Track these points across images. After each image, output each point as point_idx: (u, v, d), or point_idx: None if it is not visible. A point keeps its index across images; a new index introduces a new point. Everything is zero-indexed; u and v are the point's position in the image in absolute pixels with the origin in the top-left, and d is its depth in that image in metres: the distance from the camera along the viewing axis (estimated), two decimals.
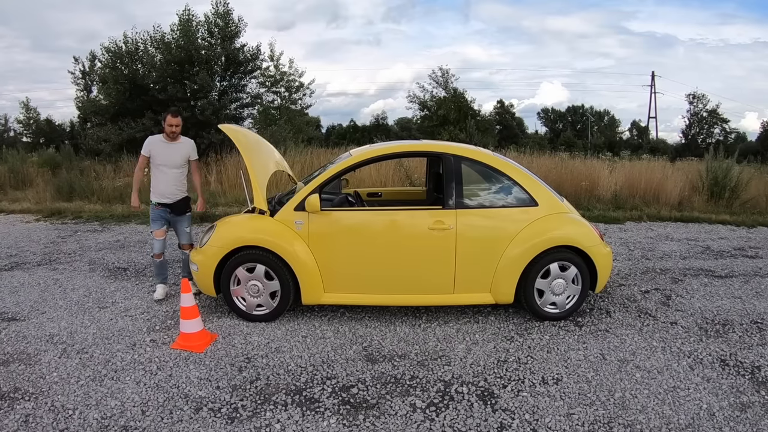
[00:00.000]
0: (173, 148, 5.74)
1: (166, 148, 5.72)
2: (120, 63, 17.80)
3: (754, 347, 4.72)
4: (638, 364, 4.34)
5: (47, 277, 6.64)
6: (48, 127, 34.61)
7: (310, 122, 28.33)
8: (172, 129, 5.65)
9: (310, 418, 3.55)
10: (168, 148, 5.72)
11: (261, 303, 5.09)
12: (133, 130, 16.85)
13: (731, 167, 12.73)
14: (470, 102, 41.51)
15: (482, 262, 5.00)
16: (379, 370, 4.21)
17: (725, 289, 6.30)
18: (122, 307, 5.55)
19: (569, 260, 5.08)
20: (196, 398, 3.78)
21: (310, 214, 4.97)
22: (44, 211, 11.61)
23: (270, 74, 21.20)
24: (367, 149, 5.67)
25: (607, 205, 12.18)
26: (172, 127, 5.66)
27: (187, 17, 18.04)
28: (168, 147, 5.72)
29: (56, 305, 5.60)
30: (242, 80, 19.76)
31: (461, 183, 5.06)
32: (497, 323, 5.16)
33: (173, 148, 5.74)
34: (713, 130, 56.86)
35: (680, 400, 3.80)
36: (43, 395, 3.79)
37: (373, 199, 6.91)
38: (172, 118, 5.66)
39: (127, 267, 7.08)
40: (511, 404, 3.75)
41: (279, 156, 6.59)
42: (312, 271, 4.98)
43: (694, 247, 8.57)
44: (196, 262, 5.13)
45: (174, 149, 5.74)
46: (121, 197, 12.73)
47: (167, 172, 5.72)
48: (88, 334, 4.85)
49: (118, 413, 3.58)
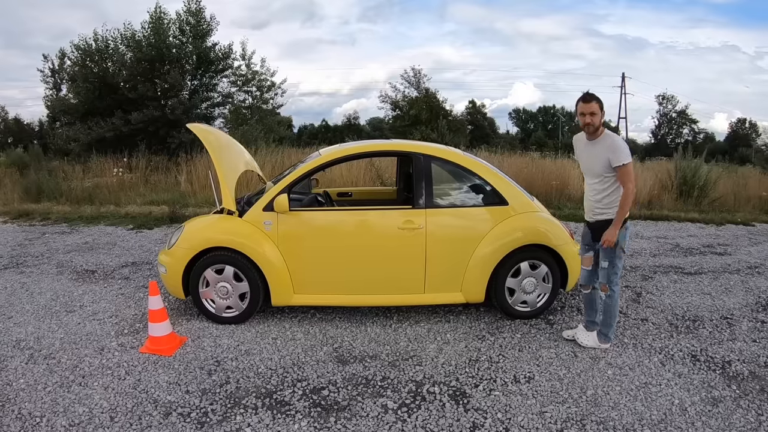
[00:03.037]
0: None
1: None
2: (90, 61, 17.55)
3: (724, 342, 4.78)
4: (610, 361, 4.37)
5: (14, 280, 6.49)
6: (16, 126, 34.13)
7: (282, 122, 28.07)
8: None
9: (281, 422, 3.51)
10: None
11: (230, 305, 5.02)
12: (103, 130, 16.63)
13: (700, 166, 12.95)
14: (442, 102, 41.71)
15: (453, 262, 5.00)
16: (350, 372, 4.18)
17: (695, 286, 6.38)
18: (90, 310, 5.45)
19: (540, 259, 5.10)
20: (165, 403, 3.71)
21: (279, 215, 4.92)
22: (11, 212, 11.36)
23: (241, 73, 20.97)
24: (336, 149, 5.64)
25: (577, 204, 12.25)
26: None
27: (159, 15, 17.82)
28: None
29: (23, 309, 5.47)
30: (213, 79, 19.59)
31: (431, 182, 5.05)
32: (468, 322, 5.16)
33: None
34: (682, 131, 57.94)
35: (652, 396, 3.83)
36: (10, 403, 3.69)
37: (343, 199, 6.88)
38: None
39: (95, 269, 6.95)
40: (484, 403, 3.74)
41: (249, 156, 6.52)
42: (281, 272, 4.93)
43: (664, 244, 8.68)
44: (165, 264, 5.05)
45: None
46: (90, 198, 12.54)
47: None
48: (56, 339, 4.74)
49: (86, 420, 3.50)
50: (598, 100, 4.28)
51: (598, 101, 4.27)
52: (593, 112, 4.24)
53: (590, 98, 4.28)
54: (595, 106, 4.24)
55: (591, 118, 4.25)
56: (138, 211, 11.44)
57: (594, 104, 4.24)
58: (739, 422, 3.52)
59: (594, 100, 4.26)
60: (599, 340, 4.59)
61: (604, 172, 4.27)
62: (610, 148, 4.22)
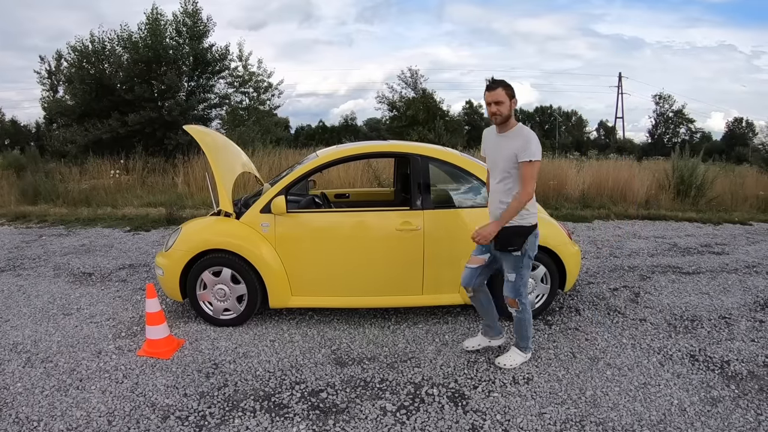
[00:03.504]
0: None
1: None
2: (86, 62, 17.49)
3: (722, 342, 4.78)
4: (608, 361, 4.37)
5: (11, 283, 6.47)
6: (13, 128, 34.04)
7: (279, 123, 28.10)
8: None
9: (279, 424, 3.50)
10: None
11: (228, 307, 5.01)
12: (100, 131, 16.59)
13: (697, 166, 12.97)
14: (439, 102, 41.69)
15: (451, 263, 4.98)
16: (349, 374, 4.17)
17: (693, 286, 6.38)
18: (87, 313, 5.43)
19: (538, 259, 5.07)
20: (163, 406, 3.69)
21: (277, 216, 4.90)
22: (8, 215, 11.35)
23: (238, 74, 21.00)
24: (334, 150, 5.62)
25: (575, 204, 12.31)
26: None
27: (155, 16, 17.79)
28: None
29: (20, 312, 5.45)
30: (210, 80, 19.54)
31: (429, 183, 5.04)
32: (467, 323, 5.15)
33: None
34: (679, 130, 57.93)
35: (651, 396, 3.83)
36: (7, 407, 3.67)
37: (341, 201, 6.87)
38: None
39: (92, 272, 6.93)
40: (483, 405, 3.73)
41: (246, 158, 6.51)
42: (279, 274, 4.92)
43: (662, 244, 8.68)
44: (162, 266, 5.03)
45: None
46: (87, 200, 12.52)
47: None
48: (53, 342, 4.72)
49: (83, 424, 3.48)
50: (505, 86, 3.82)
51: (505, 87, 3.81)
52: (498, 101, 3.79)
53: (495, 85, 3.82)
54: (500, 94, 3.79)
55: (497, 108, 3.81)
56: (135, 213, 11.42)
57: (500, 91, 3.79)
58: (739, 422, 3.52)
59: (500, 87, 3.80)
60: (520, 351, 4.32)
61: (509, 167, 3.86)
62: (520, 141, 3.81)
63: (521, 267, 3.97)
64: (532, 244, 3.98)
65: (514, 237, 3.89)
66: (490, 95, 3.82)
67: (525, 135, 3.85)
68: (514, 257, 3.94)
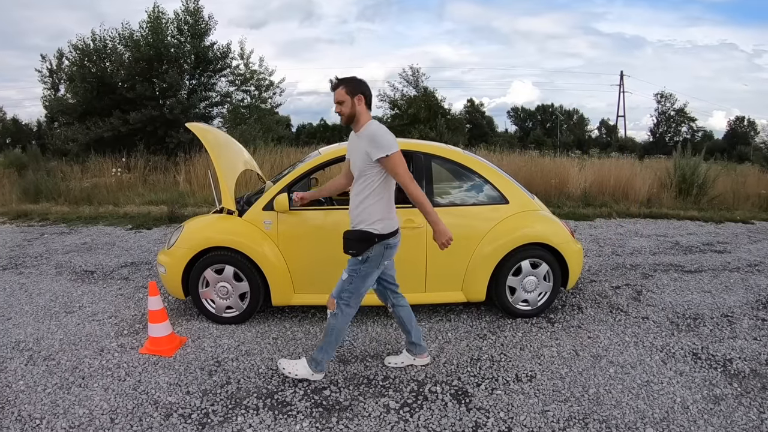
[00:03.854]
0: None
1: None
2: (88, 61, 17.51)
3: (725, 340, 4.78)
4: (611, 359, 4.37)
5: (13, 281, 6.47)
6: (14, 126, 34.07)
7: (280, 121, 28.11)
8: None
9: (283, 422, 3.49)
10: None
11: (230, 305, 5.01)
12: (101, 130, 16.60)
13: (699, 164, 12.95)
14: (440, 101, 41.51)
15: (453, 261, 4.98)
16: (352, 371, 4.17)
17: (695, 284, 6.38)
18: (89, 311, 5.43)
19: (540, 257, 5.09)
20: (165, 404, 3.69)
21: (279, 214, 4.90)
22: (10, 213, 11.34)
23: (240, 73, 20.97)
24: (336, 148, 5.60)
25: (576, 202, 12.30)
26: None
27: (157, 15, 17.79)
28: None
29: (22, 311, 5.45)
30: (212, 79, 19.55)
31: (431, 181, 5.03)
32: (469, 321, 5.15)
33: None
34: (681, 129, 58.02)
35: (654, 394, 3.83)
36: (10, 405, 3.67)
37: (343, 198, 6.84)
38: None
39: (94, 270, 6.93)
40: (486, 403, 3.73)
41: (248, 155, 6.50)
42: (281, 272, 4.92)
43: (664, 242, 8.68)
44: (164, 264, 5.03)
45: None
46: (89, 198, 12.52)
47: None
48: (55, 340, 4.72)
49: (86, 422, 3.48)
50: (347, 85, 3.66)
51: (347, 86, 3.65)
52: (339, 100, 3.65)
53: (336, 85, 3.69)
54: (340, 93, 3.64)
55: (339, 107, 3.68)
56: (137, 211, 11.42)
57: (339, 91, 3.65)
58: (741, 420, 3.52)
59: (342, 86, 3.66)
60: (310, 366, 3.96)
61: (364, 167, 3.67)
62: (367, 139, 3.62)
63: (356, 273, 3.71)
64: (378, 255, 3.71)
65: (355, 242, 3.69)
66: (334, 95, 3.69)
67: (370, 132, 3.64)
68: (354, 259, 3.73)
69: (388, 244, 3.72)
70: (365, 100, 3.71)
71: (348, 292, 3.74)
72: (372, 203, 3.68)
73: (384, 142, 3.56)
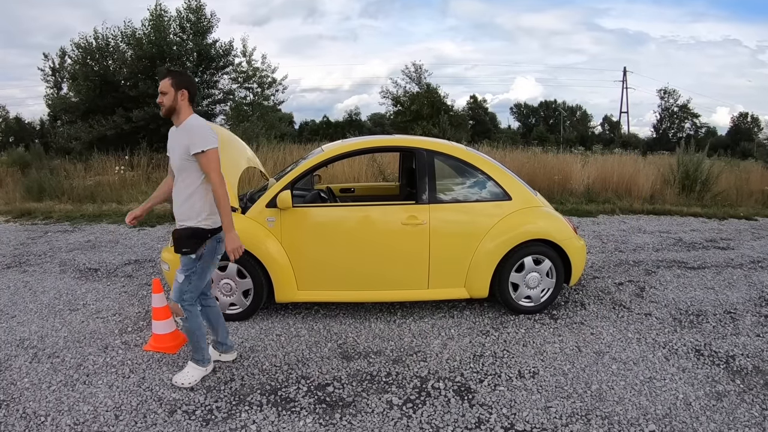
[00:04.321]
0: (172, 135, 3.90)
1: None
2: (90, 59, 17.54)
3: (728, 337, 4.78)
4: (614, 355, 4.37)
5: (17, 279, 6.49)
6: (17, 125, 34.09)
7: (283, 118, 28.06)
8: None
9: (286, 418, 3.51)
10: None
11: (234, 302, 5.02)
12: (104, 128, 16.63)
13: (702, 161, 12.90)
14: (443, 97, 41.47)
15: (456, 257, 4.99)
16: (355, 368, 4.18)
17: (698, 280, 6.37)
18: (93, 309, 5.45)
19: (543, 254, 5.09)
20: (170, 401, 3.71)
21: (282, 211, 4.91)
22: (14, 211, 11.36)
23: (242, 70, 20.97)
24: (339, 145, 5.62)
25: (579, 199, 12.28)
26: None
27: (159, 12, 17.82)
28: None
29: (26, 308, 5.47)
30: (214, 76, 19.59)
31: (434, 178, 5.04)
32: (472, 318, 5.16)
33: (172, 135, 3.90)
34: (684, 125, 57.88)
35: (656, 390, 3.83)
36: (15, 402, 3.69)
37: (346, 195, 6.87)
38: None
39: (98, 268, 6.95)
40: (489, 399, 3.74)
41: (251, 152, 6.48)
42: (285, 269, 4.93)
43: (667, 239, 8.66)
44: (168, 262, 5.03)
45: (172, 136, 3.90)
46: (92, 196, 12.53)
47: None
48: (59, 338, 4.74)
49: (91, 419, 3.50)
50: (174, 77, 3.63)
51: (173, 78, 3.62)
52: (162, 91, 3.59)
53: (162, 76, 3.66)
54: (165, 84, 3.59)
55: (162, 98, 3.61)
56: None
57: (166, 82, 3.60)
58: (744, 416, 3.52)
59: (168, 77, 3.62)
60: (197, 366, 3.98)
61: (182, 162, 3.63)
62: (186, 134, 3.59)
63: (193, 271, 3.71)
64: (212, 250, 3.74)
65: (186, 239, 3.65)
66: (159, 86, 3.64)
67: (189, 127, 3.63)
68: (187, 258, 3.70)
69: (219, 238, 3.74)
70: (188, 96, 3.68)
71: (189, 293, 3.73)
72: (198, 199, 3.66)
73: (202, 137, 3.54)
